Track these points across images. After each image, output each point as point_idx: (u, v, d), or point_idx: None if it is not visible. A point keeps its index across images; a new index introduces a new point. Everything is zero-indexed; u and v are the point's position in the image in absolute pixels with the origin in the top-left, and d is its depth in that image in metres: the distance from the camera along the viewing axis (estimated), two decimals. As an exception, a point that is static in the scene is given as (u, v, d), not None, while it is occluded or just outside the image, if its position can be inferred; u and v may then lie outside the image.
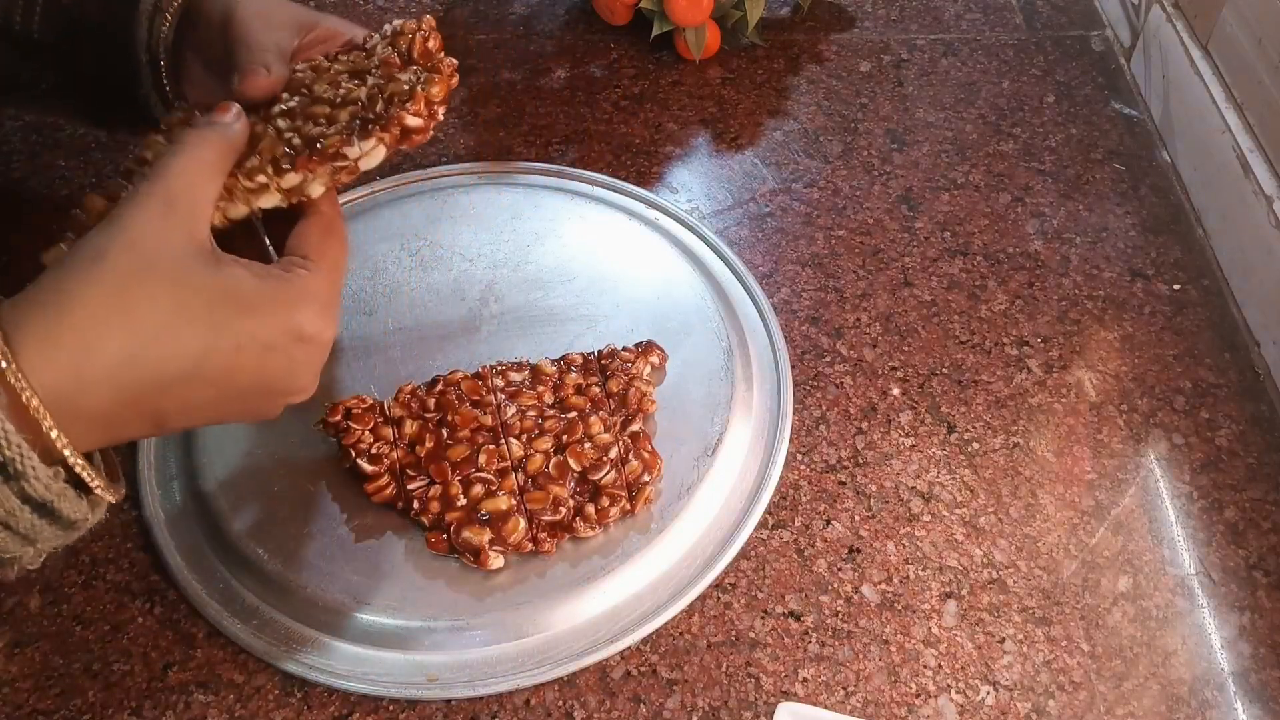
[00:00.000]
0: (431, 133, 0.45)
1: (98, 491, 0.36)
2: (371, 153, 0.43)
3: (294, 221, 0.43)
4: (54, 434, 0.34)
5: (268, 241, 0.45)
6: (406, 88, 0.44)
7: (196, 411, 0.39)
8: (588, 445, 0.53)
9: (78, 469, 0.35)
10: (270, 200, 0.43)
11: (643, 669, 0.49)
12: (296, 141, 0.43)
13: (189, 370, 0.36)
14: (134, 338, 0.35)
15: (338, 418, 0.53)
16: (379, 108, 0.44)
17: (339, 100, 0.45)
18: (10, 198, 0.70)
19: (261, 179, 0.42)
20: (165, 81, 0.52)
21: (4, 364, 0.33)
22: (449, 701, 0.48)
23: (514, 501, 0.51)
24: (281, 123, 0.44)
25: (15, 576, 0.36)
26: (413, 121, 0.44)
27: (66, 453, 0.34)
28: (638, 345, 0.58)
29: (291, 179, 0.42)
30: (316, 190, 0.43)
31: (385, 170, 0.71)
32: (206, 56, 0.51)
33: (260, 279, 0.38)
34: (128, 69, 0.51)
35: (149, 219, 0.37)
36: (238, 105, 0.43)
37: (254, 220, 0.43)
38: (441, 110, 0.45)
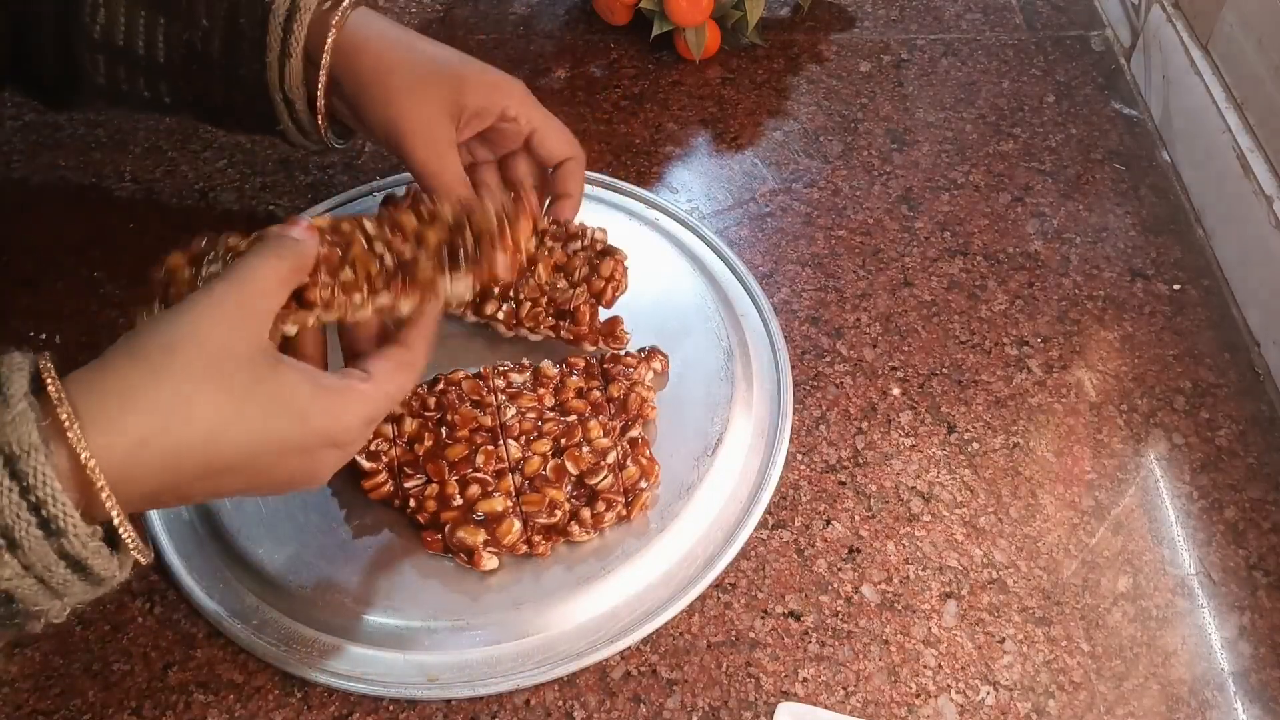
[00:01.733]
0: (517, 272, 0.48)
1: (133, 552, 0.38)
2: (460, 287, 0.46)
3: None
4: (105, 493, 0.35)
5: (326, 343, 0.47)
6: (494, 221, 0.46)
7: (220, 494, 0.41)
8: (586, 449, 0.53)
9: (121, 532, 0.36)
10: (363, 315, 0.45)
11: (643, 669, 0.49)
12: (389, 261, 0.45)
13: (232, 465, 0.38)
14: (190, 434, 0.37)
15: None
16: (469, 242, 0.46)
17: (425, 215, 0.47)
18: (10, 198, 0.70)
19: (358, 297, 0.44)
20: (317, 122, 0.54)
21: (67, 424, 0.34)
22: (449, 701, 0.48)
23: (510, 503, 0.51)
24: (370, 226, 0.46)
25: (41, 629, 0.37)
26: (501, 266, 0.46)
27: (114, 513, 0.36)
28: (640, 351, 0.58)
29: (384, 299, 0.44)
30: (405, 309, 0.45)
31: (386, 170, 0.71)
32: (355, 116, 0.54)
33: (315, 389, 0.40)
34: (261, 103, 0.54)
35: (220, 320, 0.38)
36: (306, 220, 0.44)
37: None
38: (527, 245, 0.49)
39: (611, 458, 0.53)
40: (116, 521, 0.36)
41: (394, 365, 0.44)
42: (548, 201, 0.59)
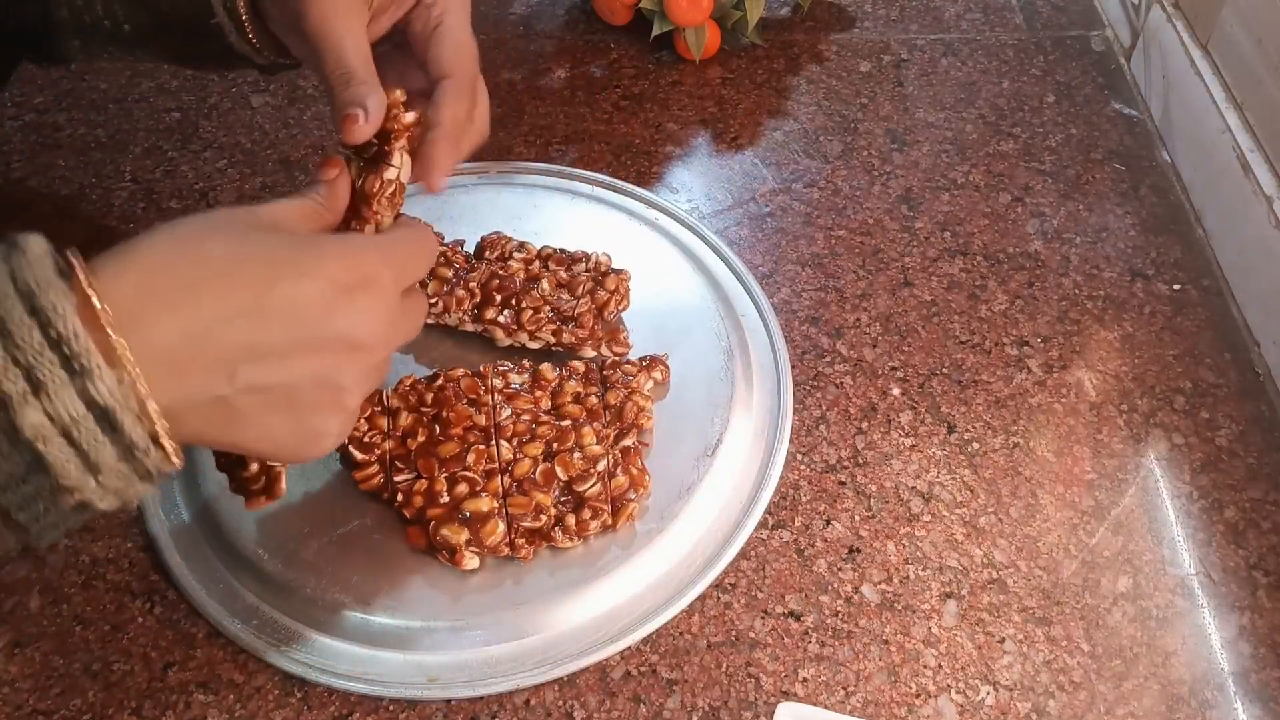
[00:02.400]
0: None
1: (160, 431, 0.35)
2: (404, 165, 0.46)
3: None
4: (116, 340, 0.33)
5: None
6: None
7: (267, 362, 0.37)
8: (577, 455, 0.53)
9: (139, 384, 0.34)
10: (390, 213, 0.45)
11: (643, 669, 0.49)
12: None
13: (252, 303, 0.36)
14: (194, 272, 0.36)
15: None
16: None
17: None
18: (10, 198, 0.70)
19: (377, 205, 0.44)
20: (242, 13, 0.50)
21: (77, 268, 0.33)
22: (449, 701, 0.48)
23: (496, 504, 0.51)
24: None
25: (77, 523, 0.35)
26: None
27: (128, 359, 0.34)
28: (641, 359, 0.58)
29: (367, 231, 0.44)
30: (387, 224, 0.45)
31: (385, 170, 0.71)
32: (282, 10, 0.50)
33: (327, 235, 0.40)
34: (195, 2, 0.50)
35: (225, 210, 0.39)
36: (340, 159, 0.44)
37: None
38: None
39: (602, 465, 0.53)
40: (130, 366, 0.34)
41: (403, 230, 0.44)
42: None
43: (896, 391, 0.60)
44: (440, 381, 0.55)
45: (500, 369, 0.56)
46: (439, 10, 0.49)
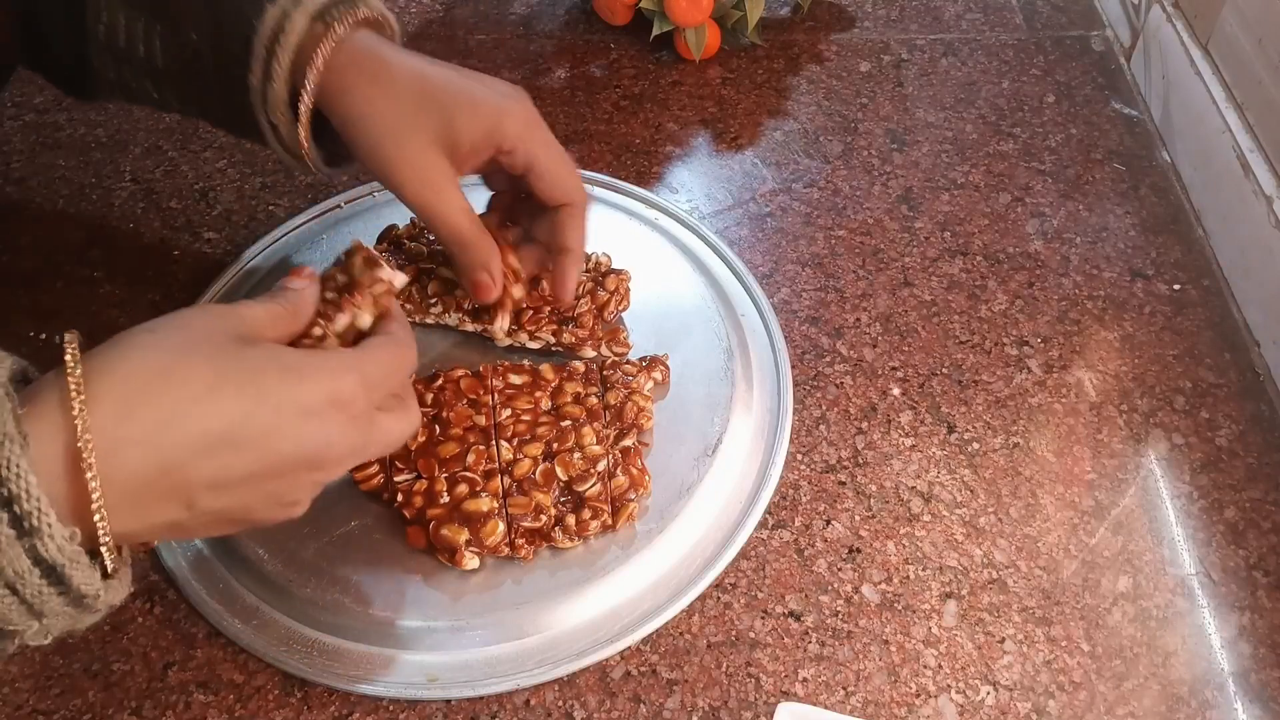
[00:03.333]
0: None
1: (110, 565, 0.35)
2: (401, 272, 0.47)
3: None
4: (91, 474, 0.33)
5: None
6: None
7: (228, 490, 0.37)
8: (577, 455, 0.53)
9: (100, 530, 0.34)
10: (334, 344, 0.44)
11: (643, 669, 0.49)
12: (334, 292, 0.46)
13: (226, 433, 0.36)
14: (174, 402, 0.35)
15: None
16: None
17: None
18: (10, 198, 0.70)
19: (317, 330, 0.44)
20: (301, 148, 0.51)
21: (76, 409, 0.33)
22: (449, 701, 0.48)
23: (496, 504, 0.51)
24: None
25: (14, 651, 0.35)
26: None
27: (96, 502, 0.33)
28: (641, 360, 0.58)
29: (342, 320, 0.44)
30: (365, 321, 0.45)
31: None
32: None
33: (301, 353, 0.40)
34: (252, 123, 0.51)
35: (204, 312, 0.39)
36: (310, 270, 0.44)
37: None
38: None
39: (602, 466, 0.52)
40: (98, 518, 0.33)
41: (381, 339, 0.44)
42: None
43: (896, 391, 0.60)
44: (440, 381, 0.55)
45: (500, 369, 0.56)
46: (522, 153, 0.51)
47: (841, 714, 0.47)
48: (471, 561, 0.50)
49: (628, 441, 0.54)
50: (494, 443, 0.53)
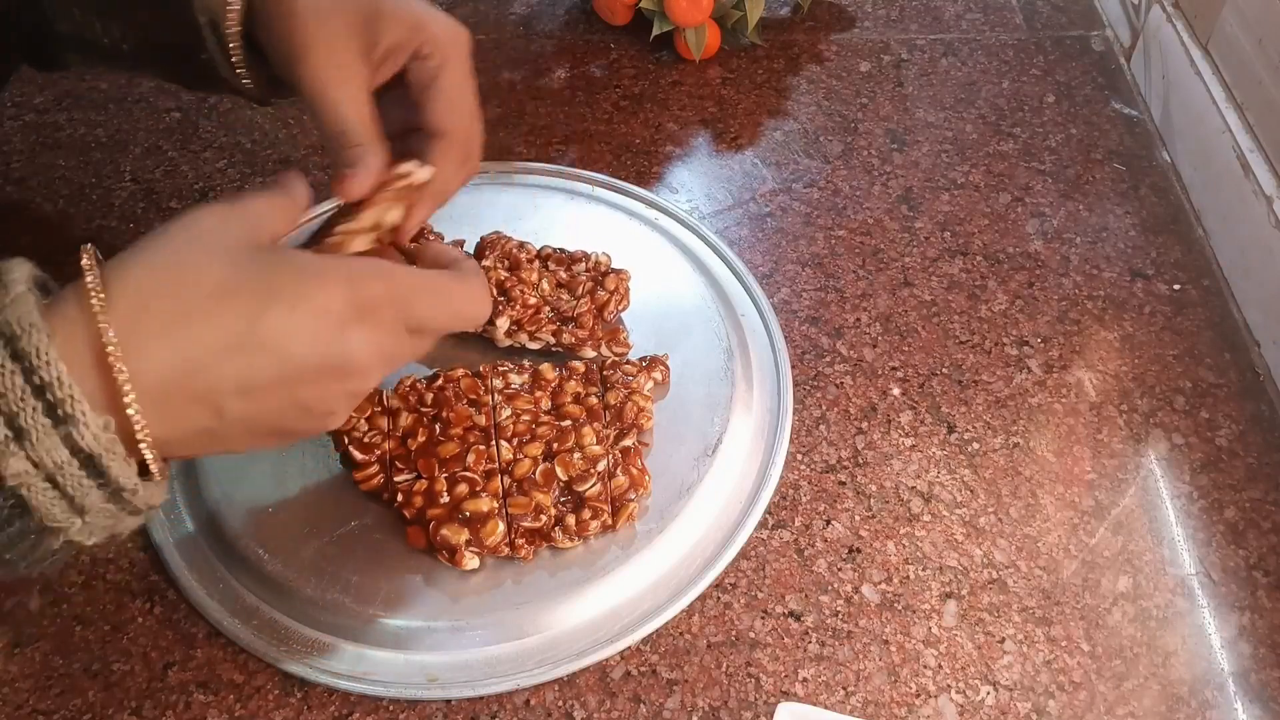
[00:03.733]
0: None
1: (150, 460, 0.35)
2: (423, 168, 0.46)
3: None
4: (119, 373, 0.33)
5: None
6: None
7: (255, 396, 0.36)
8: (577, 455, 0.53)
9: (135, 425, 0.34)
10: (363, 242, 0.44)
11: (643, 669, 0.49)
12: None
13: (244, 334, 0.35)
14: (189, 298, 0.34)
15: None
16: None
17: None
18: (10, 198, 0.70)
19: (337, 234, 0.43)
20: (230, 51, 0.48)
21: (91, 290, 0.33)
22: (449, 701, 0.48)
23: (496, 504, 0.51)
24: None
25: (59, 553, 0.34)
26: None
27: (128, 397, 0.33)
28: (642, 359, 0.58)
29: (367, 216, 0.43)
30: (393, 216, 0.45)
31: (385, 170, 0.71)
32: (267, 47, 0.49)
33: (328, 256, 0.38)
34: (189, 30, 0.48)
35: (210, 212, 0.37)
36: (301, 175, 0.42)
37: None
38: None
39: (602, 466, 0.52)
40: (131, 411, 0.33)
41: (437, 272, 0.42)
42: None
43: (896, 391, 0.60)
44: (440, 381, 0.55)
45: (500, 369, 0.56)
46: (435, 63, 0.48)
47: (841, 714, 0.47)
48: (471, 561, 0.50)
49: (628, 441, 0.54)
50: (494, 443, 0.53)
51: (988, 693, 0.48)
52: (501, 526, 0.50)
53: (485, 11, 0.86)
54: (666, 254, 0.65)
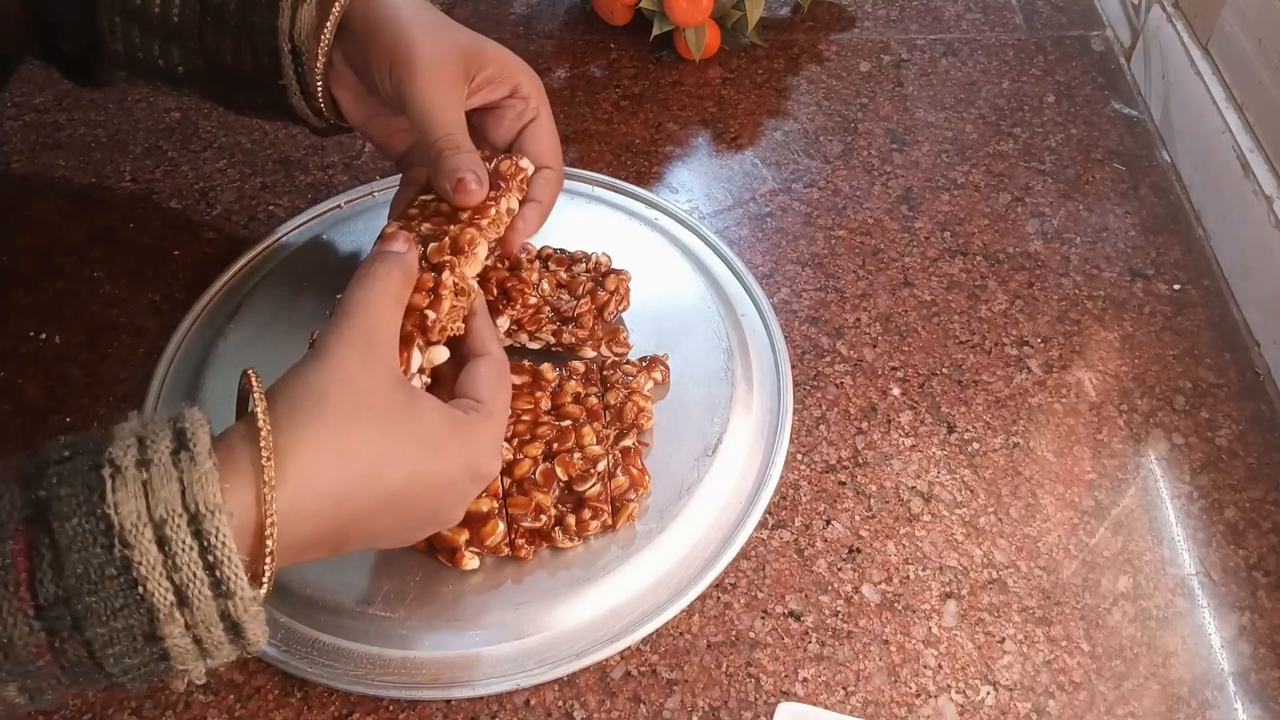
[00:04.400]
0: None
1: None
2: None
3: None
4: (270, 546, 0.36)
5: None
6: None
7: (374, 540, 0.42)
8: (577, 456, 0.53)
9: (266, 586, 0.37)
10: (495, 231, 0.49)
11: (643, 669, 0.49)
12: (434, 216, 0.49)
13: (385, 503, 0.39)
14: (348, 477, 0.38)
15: None
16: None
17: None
18: (10, 198, 0.70)
19: (476, 223, 0.48)
20: (315, 75, 0.52)
21: (267, 485, 0.35)
22: (449, 701, 0.48)
23: (496, 504, 0.51)
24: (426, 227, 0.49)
25: (183, 688, 0.38)
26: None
27: (267, 569, 0.36)
28: (641, 359, 0.58)
29: (502, 204, 0.49)
30: (514, 204, 0.51)
31: (386, 170, 0.71)
32: (363, 74, 0.53)
33: (450, 423, 0.41)
34: (268, 57, 0.52)
35: (357, 358, 0.39)
36: (405, 233, 0.46)
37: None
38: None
39: (602, 466, 0.52)
40: (267, 576, 0.36)
41: (492, 377, 0.45)
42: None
43: (896, 391, 0.60)
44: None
45: None
46: (534, 105, 0.54)
47: (841, 714, 0.47)
48: (471, 561, 0.50)
49: (628, 441, 0.54)
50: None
51: (988, 693, 0.48)
52: (501, 526, 0.50)
53: (485, 11, 0.86)
54: (666, 254, 0.65)
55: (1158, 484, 0.56)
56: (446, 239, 0.47)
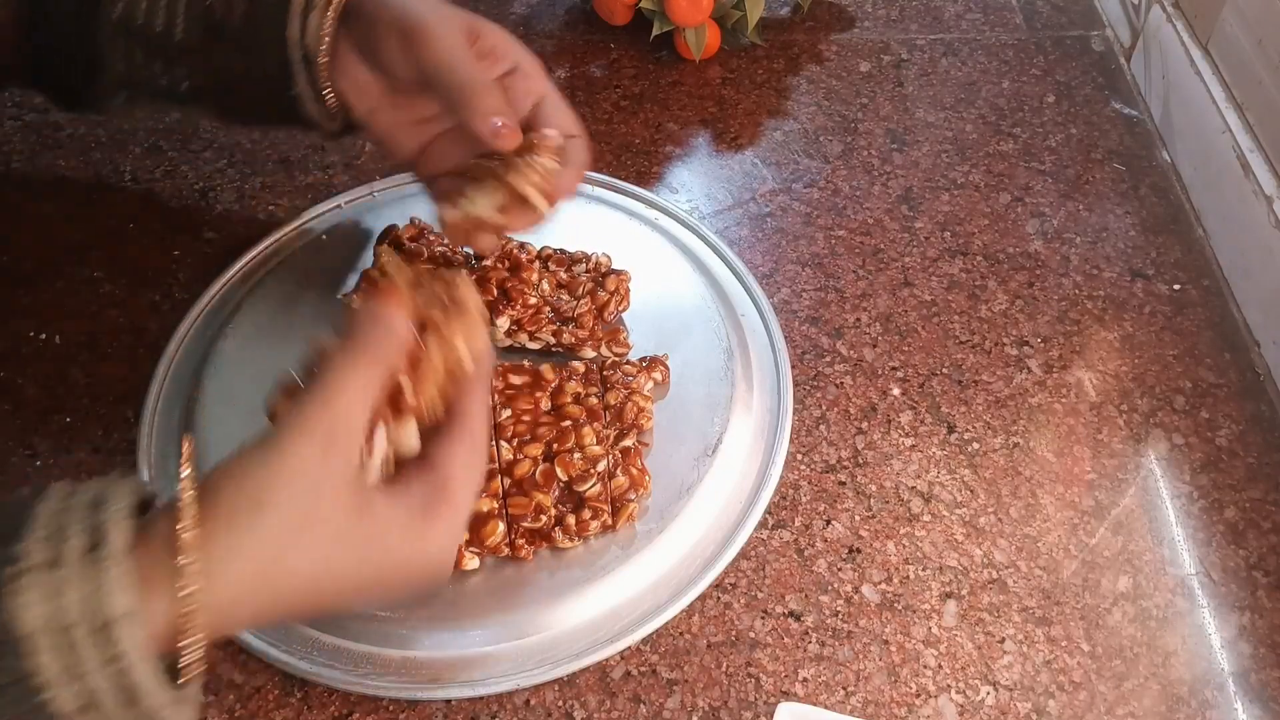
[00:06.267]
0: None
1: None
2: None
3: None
4: (191, 664, 0.34)
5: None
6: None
7: (316, 614, 0.42)
8: (577, 456, 0.53)
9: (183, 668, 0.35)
10: (538, 186, 0.49)
11: (643, 669, 0.49)
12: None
13: (329, 603, 0.38)
14: (282, 590, 0.36)
15: None
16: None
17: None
18: (10, 198, 0.70)
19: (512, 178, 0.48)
20: (324, 80, 0.52)
21: (189, 597, 0.33)
22: (449, 701, 0.48)
23: (496, 505, 0.51)
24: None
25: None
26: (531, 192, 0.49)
27: (187, 662, 0.35)
28: (642, 360, 0.58)
29: (539, 163, 0.49)
30: (554, 165, 0.49)
31: (386, 170, 0.71)
32: (372, 58, 0.52)
33: (405, 526, 0.38)
34: (278, 68, 0.51)
35: (312, 453, 0.36)
36: (404, 316, 0.41)
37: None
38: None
39: (602, 466, 0.52)
40: (190, 676, 0.35)
41: (467, 453, 0.41)
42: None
43: (896, 391, 0.60)
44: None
45: (500, 369, 0.56)
46: (539, 83, 0.52)
47: (841, 714, 0.47)
48: (471, 561, 0.50)
49: (628, 441, 0.54)
50: (494, 443, 0.53)
51: (988, 693, 0.48)
52: (501, 527, 0.50)
53: (485, 11, 0.85)
54: (666, 254, 0.65)
55: (1158, 484, 0.56)
56: (447, 297, 0.42)
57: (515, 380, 0.56)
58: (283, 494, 0.35)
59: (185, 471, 0.35)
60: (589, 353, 0.58)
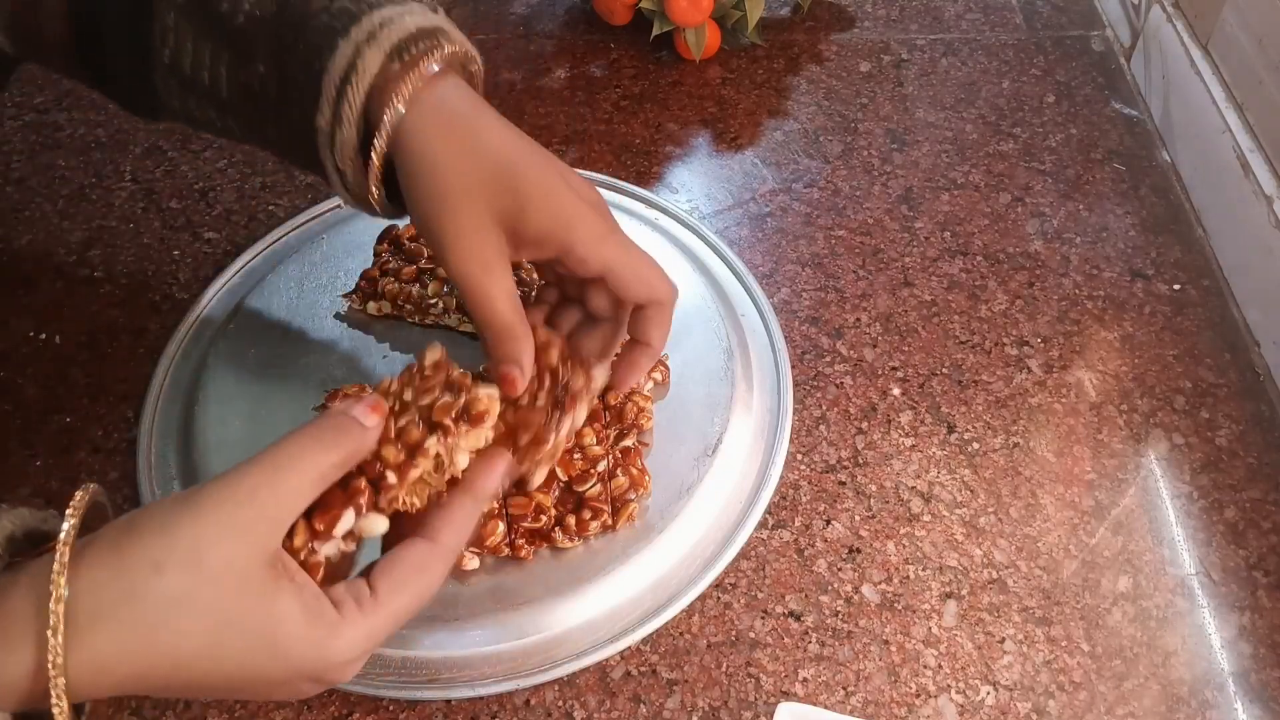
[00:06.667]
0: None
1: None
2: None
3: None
4: (58, 693, 0.32)
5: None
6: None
7: (196, 693, 0.41)
8: (577, 456, 0.53)
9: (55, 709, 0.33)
10: (584, 409, 0.46)
11: (643, 669, 0.49)
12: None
13: (202, 686, 0.36)
14: (161, 661, 0.34)
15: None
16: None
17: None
18: (10, 198, 0.70)
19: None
20: (371, 192, 0.47)
21: (52, 665, 0.32)
22: (449, 701, 0.48)
23: (496, 504, 0.51)
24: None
25: None
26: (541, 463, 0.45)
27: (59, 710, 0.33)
28: None
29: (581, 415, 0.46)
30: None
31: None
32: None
33: (308, 625, 0.36)
34: (316, 167, 0.47)
35: (226, 527, 0.35)
36: (378, 417, 0.39)
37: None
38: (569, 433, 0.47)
39: (602, 466, 0.52)
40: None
41: (414, 570, 0.39)
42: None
43: (896, 391, 0.60)
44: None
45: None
46: (596, 265, 0.46)
47: (841, 714, 0.47)
48: (471, 561, 0.50)
49: (628, 441, 0.54)
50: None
51: (988, 693, 0.48)
52: (501, 526, 0.50)
53: (485, 11, 0.86)
54: (666, 254, 0.65)
55: (1158, 484, 0.56)
56: (462, 399, 0.41)
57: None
58: (179, 568, 0.34)
59: (66, 525, 0.33)
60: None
